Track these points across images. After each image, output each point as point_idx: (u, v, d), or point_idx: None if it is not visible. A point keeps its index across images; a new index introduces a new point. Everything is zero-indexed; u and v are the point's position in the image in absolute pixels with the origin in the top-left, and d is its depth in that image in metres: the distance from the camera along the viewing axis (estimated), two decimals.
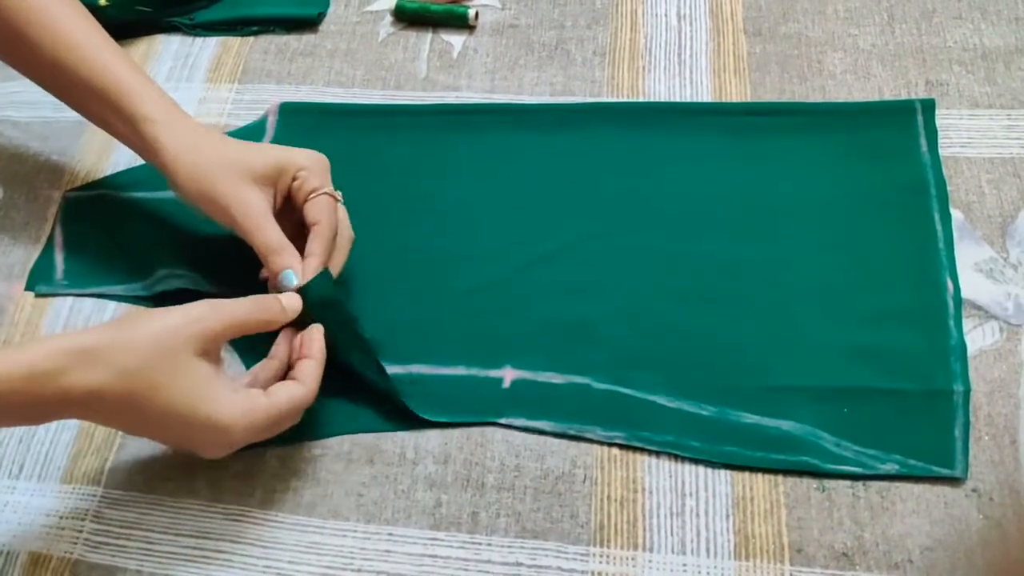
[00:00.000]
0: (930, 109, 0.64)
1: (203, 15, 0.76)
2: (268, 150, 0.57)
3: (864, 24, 0.70)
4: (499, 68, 0.71)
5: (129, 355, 0.46)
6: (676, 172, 0.64)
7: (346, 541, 0.53)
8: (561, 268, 0.61)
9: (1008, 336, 0.56)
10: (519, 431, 0.55)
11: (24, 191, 0.68)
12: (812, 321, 0.57)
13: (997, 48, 0.67)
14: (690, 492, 0.53)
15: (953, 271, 0.57)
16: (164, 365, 0.47)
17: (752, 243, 0.60)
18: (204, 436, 0.49)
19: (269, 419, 0.50)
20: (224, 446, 0.50)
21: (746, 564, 0.50)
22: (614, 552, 0.51)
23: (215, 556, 0.53)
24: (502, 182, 0.65)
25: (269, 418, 0.50)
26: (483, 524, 0.53)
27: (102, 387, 0.46)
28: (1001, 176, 0.61)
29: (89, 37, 0.57)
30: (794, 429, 0.53)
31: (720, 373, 0.56)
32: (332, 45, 0.74)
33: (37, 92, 0.61)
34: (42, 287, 0.63)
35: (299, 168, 0.56)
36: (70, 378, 0.45)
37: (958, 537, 0.50)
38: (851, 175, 0.62)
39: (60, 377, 0.45)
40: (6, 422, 0.50)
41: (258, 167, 0.55)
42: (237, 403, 0.49)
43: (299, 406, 0.51)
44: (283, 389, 0.51)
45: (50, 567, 0.53)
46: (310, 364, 0.52)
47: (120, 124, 0.57)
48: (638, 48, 0.71)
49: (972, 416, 0.53)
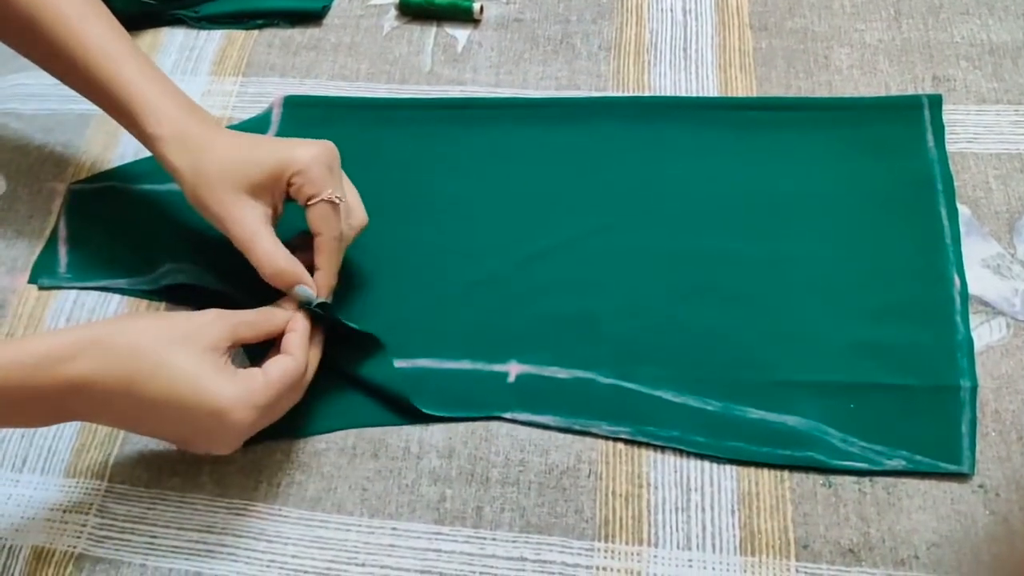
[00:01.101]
0: (937, 104, 0.64)
1: (208, 8, 0.76)
2: (267, 154, 0.54)
3: (871, 19, 0.69)
4: (504, 62, 0.71)
5: (132, 343, 0.47)
6: (681, 167, 0.64)
7: (350, 535, 0.53)
8: (566, 263, 0.60)
9: (1015, 332, 0.55)
10: (524, 426, 0.55)
11: (28, 184, 0.68)
12: (818, 316, 0.57)
13: (1004, 43, 0.67)
14: (695, 487, 0.53)
15: (960, 267, 0.57)
16: (165, 354, 0.48)
17: (758, 238, 0.60)
18: (207, 423, 0.49)
19: (267, 397, 0.50)
20: (228, 434, 0.50)
21: (752, 560, 0.50)
22: (619, 547, 0.51)
23: (219, 550, 0.53)
24: (507, 176, 0.65)
25: (267, 396, 0.49)
26: (487, 519, 0.53)
27: (105, 378, 0.46)
28: (1008, 172, 0.61)
29: (111, 43, 0.56)
30: (800, 424, 0.53)
31: (726, 368, 0.56)
32: (336, 39, 0.74)
33: (43, 85, 0.62)
34: (45, 280, 0.63)
35: (295, 172, 0.53)
36: (76, 366, 0.46)
37: (965, 533, 0.50)
38: (857, 171, 0.62)
39: (66, 365, 0.46)
40: (8, 419, 0.50)
41: (254, 177, 0.54)
42: (234, 386, 0.49)
43: (293, 377, 0.51)
44: (274, 364, 0.51)
45: (53, 561, 0.53)
46: (294, 336, 0.53)
47: (131, 132, 0.57)
48: (643, 43, 0.71)
49: (979, 412, 0.53)
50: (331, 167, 0.55)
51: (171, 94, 0.56)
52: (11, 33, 0.59)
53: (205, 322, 0.50)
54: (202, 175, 0.54)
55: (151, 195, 0.66)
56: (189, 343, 0.49)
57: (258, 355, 0.56)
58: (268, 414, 0.51)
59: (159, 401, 0.48)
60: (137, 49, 0.58)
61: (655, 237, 0.61)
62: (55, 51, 0.56)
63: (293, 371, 0.51)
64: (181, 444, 0.54)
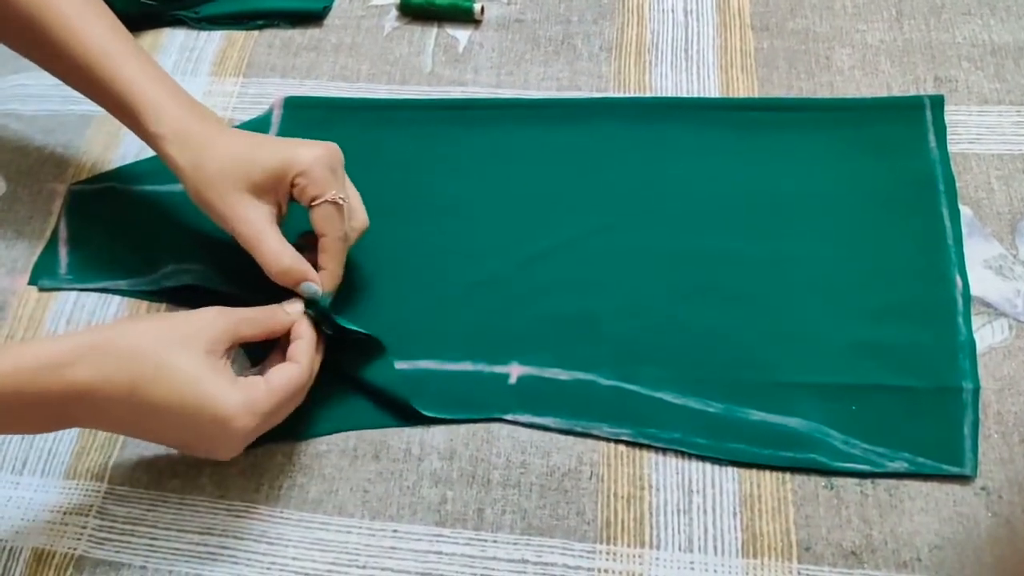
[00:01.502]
0: (939, 105, 0.64)
1: (208, 9, 0.76)
2: (270, 154, 0.54)
3: (872, 20, 0.69)
4: (505, 63, 0.71)
5: (132, 347, 0.47)
6: (682, 168, 0.64)
7: (351, 537, 0.53)
8: (567, 264, 0.60)
9: (1017, 333, 0.55)
10: (525, 428, 0.55)
11: (28, 185, 0.68)
12: (820, 317, 0.56)
13: (1006, 44, 0.67)
14: (697, 489, 0.52)
15: (962, 268, 0.57)
16: (167, 356, 0.47)
17: (759, 239, 0.60)
18: (210, 430, 0.48)
19: (271, 404, 0.49)
20: (231, 440, 0.49)
21: (754, 562, 0.50)
22: (620, 549, 0.51)
23: (220, 552, 0.53)
24: (508, 177, 0.65)
25: (270, 403, 0.49)
26: (489, 521, 0.53)
27: (105, 385, 0.46)
28: (1010, 172, 0.61)
29: (113, 43, 0.56)
30: (802, 426, 0.53)
31: (727, 369, 0.55)
32: (337, 39, 0.74)
33: (43, 85, 0.61)
34: (45, 282, 0.63)
35: (297, 174, 0.53)
36: (76, 372, 0.45)
37: (967, 535, 0.50)
38: (859, 171, 0.62)
39: (66, 371, 0.45)
40: (8, 426, 0.50)
41: (256, 177, 0.53)
42: (237, 393, 0.48)
43: (297, 385, 0.51)
44: (279, 372, 0.51)
45: (54, 563, 0.53)
46: (300, 343, 0.52)
47: (134, 131, 0.57)
48: (645, 43, 0.71)
49: (981, 414, 0.53)
50: (334, 168, 0.55)
51: (173, 93, 0.56)
52: (12, 34, 0.58)
53: (206, 322, 0.50)
54: (204, 173, 0.54)
55: (152, 196, 0.65)
56: (190, 345, 0.48)
57: (259, 355, 0.56)
58: (270, 420, 0.50)
59: (161, 406, 0.47)
60: (139, 48, 0.57)
61: (656, 238, 0.61)
62: (56, 51, 0.56)
63: (298, 379, 0.51)
64: (182, 448, 0.54)
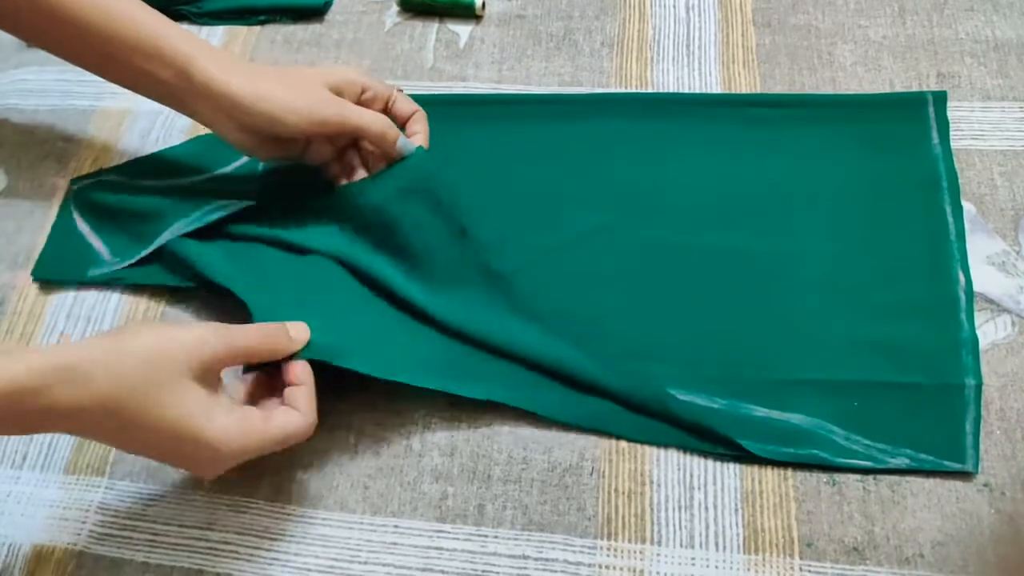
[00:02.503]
0: (941, 101, 0.63)
1: (210, 4, 0.76)
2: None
3: (875, 15, 0.69)
4: (506, 59, 0.71)
5: (117, 374, 0.45)
6: (684, 164, 0.63)
7: (352, 533, 0.53)
8: (569, 260, 0.60)
9: (1020, 330, 0.55)
10: (526, 423, 0.55)
11: (29, 179, 0.68)
12: (822, 314, 0.56)
13: (1009, 40, 0.66)
14: (699, 485, 0.52)
15: (965, 264, 0.57)
16: (154, 386, 0.45)
17: (762, 235, 0.60)
18: (196, 456, 0.47)
19: (262, 444, 0.48)
20: (216, 465, 0.48)
21: (755, 558, 0.50)
22: (622, 545, 0.51)
23: (221, 548, 0.53)
24: (509, 173, 0.64)
25: (263, 443, 0.48)
26: (489, 516, 0.52)
27: (87, 405, 0.44)
28: (1013, 169, 0.61)
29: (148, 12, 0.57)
30: (804, 422, 0.53)
31: (730, 366, 0.55)
32: (338, 35, 0.74)
33: (44, 80, 0.61)
34: (94, 271, 0.62)
35: (363, 88, 0.58)
36: (53, 394, 0.43)
37: (969, 532, 0.50)
38: (862, 167, 0.62)
39: (43, 394, 0.43)
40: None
41: (329, 80, 0.56)
42: (231, 426, 0.47)
43: (295, 435, 0.49)
44: (281, 416, 0.49)
45: (54, 559, 0.53)
46: (302, 391, 0.50)
47: (164, 71, 0.56)
48: (646, 39, 0.71)
49: (984, 410, 0.52)
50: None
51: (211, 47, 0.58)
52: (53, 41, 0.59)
53: (199, 343, 0.47)
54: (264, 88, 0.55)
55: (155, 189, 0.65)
56: (179, 370, 0.46)
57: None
58: (259, 454, 0.49)
59: (143, 437, 0.46)
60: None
61: (657, 234, 0.60)
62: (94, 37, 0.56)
63: (296, 429, 0.49)
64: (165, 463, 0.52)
